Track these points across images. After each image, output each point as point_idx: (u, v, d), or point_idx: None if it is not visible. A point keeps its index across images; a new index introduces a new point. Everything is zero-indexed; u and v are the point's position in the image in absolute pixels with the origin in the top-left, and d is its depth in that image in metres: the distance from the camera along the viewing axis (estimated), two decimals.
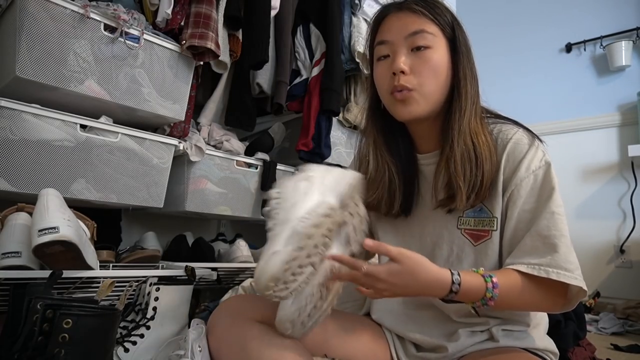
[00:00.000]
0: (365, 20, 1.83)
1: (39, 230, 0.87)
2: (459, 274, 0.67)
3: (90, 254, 1.02)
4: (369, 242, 0.66)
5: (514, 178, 0.75)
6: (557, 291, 0.72)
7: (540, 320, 0.85)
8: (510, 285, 0.70)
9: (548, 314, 0.89)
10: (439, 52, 0.77)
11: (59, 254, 0.91)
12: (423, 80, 0.76)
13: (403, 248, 0.68)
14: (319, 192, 0.73)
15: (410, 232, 0.87)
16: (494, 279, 0.68)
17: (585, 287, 0.70)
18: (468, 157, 0.75)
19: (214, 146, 1.55)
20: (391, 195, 0.84)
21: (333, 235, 0.71)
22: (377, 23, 0.83)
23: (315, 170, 0.78)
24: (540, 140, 0.78)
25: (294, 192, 0.72)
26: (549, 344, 0.83)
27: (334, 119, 1.76)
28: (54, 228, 0.87)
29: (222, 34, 1.43)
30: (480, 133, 0.77)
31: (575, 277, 0.69)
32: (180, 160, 1.45)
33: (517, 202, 0.74)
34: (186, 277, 1.17)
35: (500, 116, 0.84)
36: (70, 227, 0.90)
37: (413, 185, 0.86)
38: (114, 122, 1.24)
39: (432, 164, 0.84)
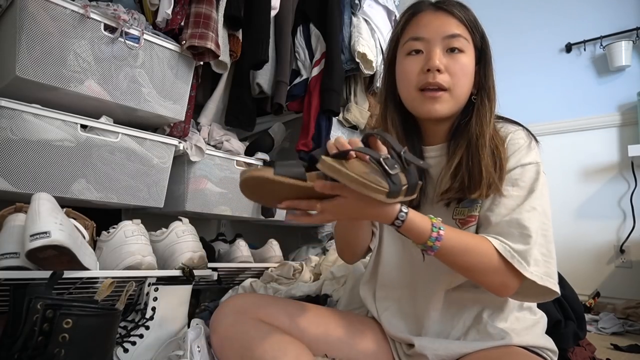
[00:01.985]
0: (366, 20, 1.83)
1: (31, 235, 0.87)
2: (407, 213, 0.68)
3: (87, 255, 1.02)
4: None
5: None
6: (512, 279, 0.72)
7: (540, 319, 0.86)
8: (466, 243, 0.71)
9: (547, 314, 0.89)
10: (469, 57, 0.81)
11: (53, 257, 0.92)
12: (456, 81, 0.79)
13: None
14: None
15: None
16: (441, 232, 0.69)
17: (546, 284, 0.71)
18: (492, 156, 0.78)
19: (214, 146, 1.55)
20: None
21: None
22: (410, 17, 0.84)
23: None
24: (537, 141, 0.81)
25: None
26: (548, 342, 0.83)
27: (334, 119, 1.76)
28: (46, 233, 0.87)
29: (222, 34, 1.43)
30: (497, 134, 0.80)
31: (531, 272, 0.71)
32: (180, 161, 1.45)
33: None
34: (185, 278, 1.17)
35: (503, 117, 0.87)
36: (62, 231, 0.90)
37: (421, 176, 0.86)
38: (114, 122, 1.24)
39: (434, 157, 0.86)
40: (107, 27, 1.18)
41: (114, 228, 1.14)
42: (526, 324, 0.82)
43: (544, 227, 0.75)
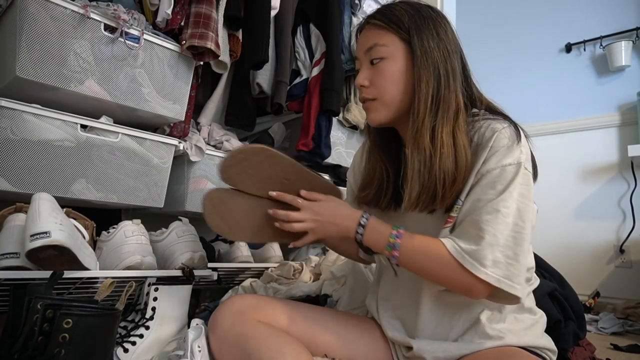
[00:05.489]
0: None
1: (31, 235, 0.87)
2: (368, 217, 0.79)
3: (87, 255, 1.02)
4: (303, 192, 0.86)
5: (483, 168, 0.75)
6: (473, 280, 0.72)
7: (539, 319, 0.85)
8: (422, 247, 0.75)
9: (547, 314, 0.89)
10: (394, 61, 0.80)
11: (53, 257, 0.92)
12: (380, 90, 0.81)
13: None
14: None
15: (402, 224, 0.87)
16: (401, 230, 0.77)
17: (502, 287, 0.70)
18: (423, 160, 0.76)
19: (214, 146, 1.55)
20: (383, 188, 0.88)
21: None
22: (357, 39, 0.89)
23: None
24: (522, 137, 0.77)
25: None
26: (547, 342, 0.83)
27: (334, 119, 1.76)
28: (46, 233, 0.87)
29: (222, 34, 1.43)
30: (445, 134, 0.76)
31: (486, 273, 0.70)
32: (180, 161, 1.45)
33: (477, 190, 0.75)
34: (185, 278, 1.17)
35: (493, 112, 0.83)
36: (62, 231, 0.90)
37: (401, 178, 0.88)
38: (114, 122, 1.24)
39: None
40: (107, 27, 1.18)
41: (114, 228, 1.14)
42: (525, 324, 0.82)
43: (515, 229, 0.71)
